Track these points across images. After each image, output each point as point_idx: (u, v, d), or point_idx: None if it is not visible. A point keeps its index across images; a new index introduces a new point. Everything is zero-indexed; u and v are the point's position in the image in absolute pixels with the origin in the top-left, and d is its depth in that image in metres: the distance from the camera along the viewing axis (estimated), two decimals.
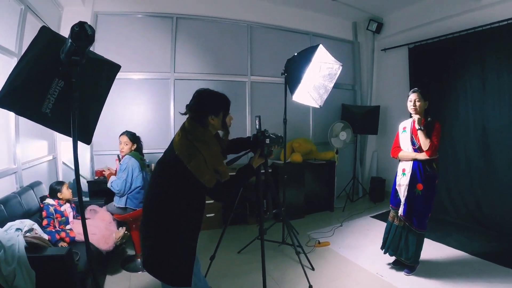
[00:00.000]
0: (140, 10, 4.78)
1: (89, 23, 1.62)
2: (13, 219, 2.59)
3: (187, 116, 2.12)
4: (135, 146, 3.54)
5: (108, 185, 3.45)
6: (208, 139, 2.02)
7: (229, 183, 2.11)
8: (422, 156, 3.09)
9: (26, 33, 3.39)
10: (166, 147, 2.15)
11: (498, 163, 4.41)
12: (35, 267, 2.20)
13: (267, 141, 2.39)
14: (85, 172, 4.36)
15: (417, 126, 3.09)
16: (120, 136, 3.54)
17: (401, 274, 3.33)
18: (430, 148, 3.02)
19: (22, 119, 3.26)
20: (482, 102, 4.58)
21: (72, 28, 1.55)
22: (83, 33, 1.58)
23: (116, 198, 3.47)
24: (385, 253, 3.47)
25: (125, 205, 3.40)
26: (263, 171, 2.76)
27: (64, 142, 4.27)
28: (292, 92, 3.47)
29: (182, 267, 2.03)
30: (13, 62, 3.19)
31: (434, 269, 3.40)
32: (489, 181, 4.52)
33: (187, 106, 2.11)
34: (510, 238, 4.13)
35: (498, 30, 4.29)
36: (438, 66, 5.15)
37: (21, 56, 1.91)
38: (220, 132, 2.29)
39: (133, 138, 3.54)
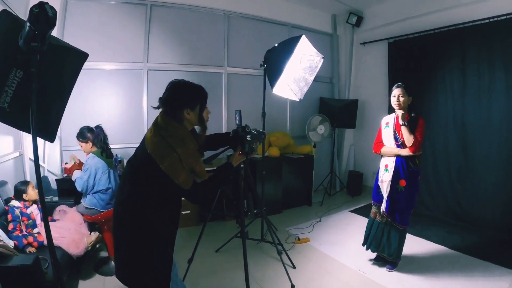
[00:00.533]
0: None
1: (57, 8, 1.44)
2: None
3: (160, 110, 1.92)
4: (89, 143, 3.23)
5: (72, 178, 3.25)
6: (183, 136, 1.83)
7: (206, 184, 1.95)
8: (405, 152, 3.05)
9: None
10: (138, 141, 1.96)
11: (477, 159, 4.44)
12: (0, 278, 2.02)
13: (248, 137, 2.22)
14: (55, 168, 4.11)
15: (400, 122, 3.03)
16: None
17: (383, 270, 3.31)
18: (414, 144, 2.98)
19: None
20: (462, 98, 4.59)
21: (31, 9, 1.38)
22: (43, 15, 1.39)
23: (83, 198, 3.26)
24: (367, 249, 3.43)
25: (92, 205, 3.20)
26: (243, 166, 2.63)
27: (31, 138, 4.00)
28: (272, 84, 3.35)
29: (158, 278, 1.88)
30: None
31: (416, 264, 3.40)
32: (468, 176, 4.55)
33: (160, 99, 1.90)
34: (488, 232, 4.19)
35: (479, 28, 4.29)
36: (418, 62, 5.13)
37: None
38: (197, 128, 2.10)
39: (84, 135, 3.21)
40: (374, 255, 3.49)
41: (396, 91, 3.09)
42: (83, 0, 4.33)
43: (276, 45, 3.47)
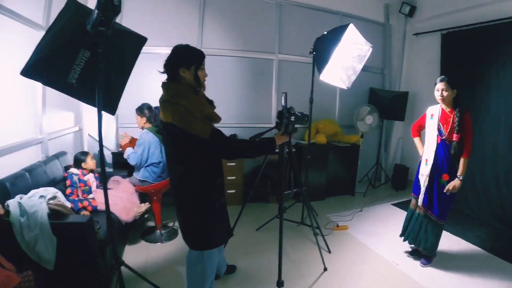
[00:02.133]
0: None
1: None
2: (37, 187, 2.66)
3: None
4: (144, 118, 3.52)
5: (125, 156, 3.51)
6: (183, 92, 1.93)
7: (246, 143, 2.11)
8: (464, 163, 2.97)
9: (53, 6, 3.41)
10: None
11: None
12: (56, 234, 2.26)
13: (292, 118, 2.35)
14: (110, 144, 4.42)
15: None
16: None
17: (417, 264, 3.29)
18: (467, 151, 2.95)
19: (49, 90, 3.32)
20: None
21: None
22: (110, 3, 1.57)
23: (136, 171, 3.54)
24: (404, 240, 3.43)
25: (145, 178, 3.46)
26: (287, 150, 2.73)
27: (90, 114, 4.34)
28: (320, 71, 3.40)
29: (217, 227, 2.15)
30: (40, 35, 3.19)
31: (451, 263, 3.33)
32: None
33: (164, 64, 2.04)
34: None
35: None
36: (471, 55, 4.87)
37: (48, 28, 1.93)
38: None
39: (142, 110, 3.52)
40: (409, 248, 3.49)
41: (439, 85, 3.02)
42: None
43: (325, 33, 3.50)
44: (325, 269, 3.12)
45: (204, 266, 2.19)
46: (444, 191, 3.02)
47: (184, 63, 1.96)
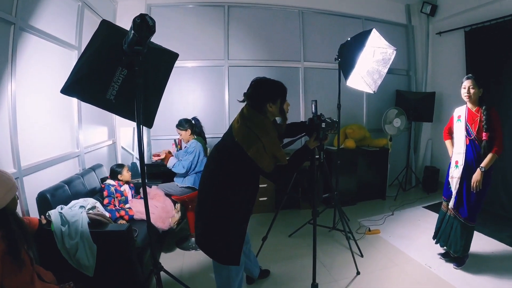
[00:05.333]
0: (192, 0, 4.92)
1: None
2: (76, 198, 2.81)
3: (245, 103, 2.19)
4: (189, 131, 3.67)
5: (169, 165, 3.63)
6: (267, 127, 2.07)
7: (287, 166, 2.17)
8: (489, 159, 2.91)
9: (84, 28, 3.63)
10: (221, 132, 2.23)
11: None
12: (96, 242, 2.40)
13: (323, 125, 2.41)
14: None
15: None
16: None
17: (450, 266, 3.24)
18: (497, 145, 2.89)
19: (84, 107, 3.51)
20: None
21: (134, 20, 1.67)
22: (145, 24, 1.69)
23: (179, 179, 3.65)
24: (436, 243, 3.41)
25: (193, 184, 3.56)
26: (317, 156, 2.78)
27: (123, 128, 4.52)
28: (346, 77, 3.43)
29: (232, 247, 2.15)
30: (73, 55, 3.45)
31: (484, 264, 3.26)
32: None
33: (245, 94, 2.17)
34: None
35: None
36: (497, 51, 4.75)
37: (84, 48, 2.08)
38: (278, 119, 2.34)
39: (183, 124, 3.66)
40: (442, 250, 3.44)
41: (466, 83, 3.01)
42: (164, 6, 4.83)
43: (349, 39, 3.54)
44: (358, 273, 3.13)
45: (229, 271, 2.28)
46: (472, 190, 2.99)
47: (271, 99, 2.11)
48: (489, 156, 2.90)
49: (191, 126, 3.70)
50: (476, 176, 2.95)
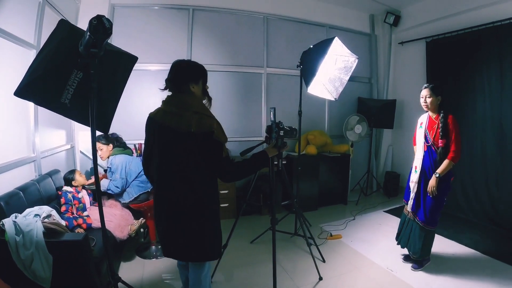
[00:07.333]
0: (157, 2, 4.82)
1: (106, 15, 1.67)
2: (31, 205, 2.66)
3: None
4: (111, 146, 3.54)
5: (103, 189, 3.37)
6: (205, 106, 2.08)
7: (242, 163, 2.11)
8: (445, 165, 2.99)
9: (44, 26, 3.45)
10: None
11: None
12: (52, 252, 2.27)
13: (281, 132, 2.41)
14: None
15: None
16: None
17: (411, 270, 3.32)
18: (453, 151, 2.97)
19: (41, 109, 3.34)
20: (500, 99, 4.43)
21: (90, 21, 1.60)
22: (101, 26, 1.63)
23: (124, 197, 3.46)
24: (398, 243, 3.50)
25: (140, 191, 3.42)
26: (276, 163, 2.77)
27: (82, 132, 4.36)
28: (307, 84, 3.46)
29: (219, 236, 2.16)
30: (32, 54, 3.27)
31: (445, 266, 3.38)
32: (505, 179, 4.41)
33: (167, 79, 2.09)
34: None
35: None
36: (456, 61, 5.01)
37: (40, 49, 1.98)
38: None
39: (106, 139, 3.52)
40: (404, 254, 3.54)
41: (423, 92, 3.11)
42: (128, 7, 4.70)
43: (311, 46, 3.58)
44: (320, 278, 3.15)
45: (207, 280, 2.24)
46: (428, 194, 3.09)
47: (193, 79, 2.04)
48: (445, 162, 2.99)
49: (113, 139, 3.59)
50: (432, 181, 3.04)
